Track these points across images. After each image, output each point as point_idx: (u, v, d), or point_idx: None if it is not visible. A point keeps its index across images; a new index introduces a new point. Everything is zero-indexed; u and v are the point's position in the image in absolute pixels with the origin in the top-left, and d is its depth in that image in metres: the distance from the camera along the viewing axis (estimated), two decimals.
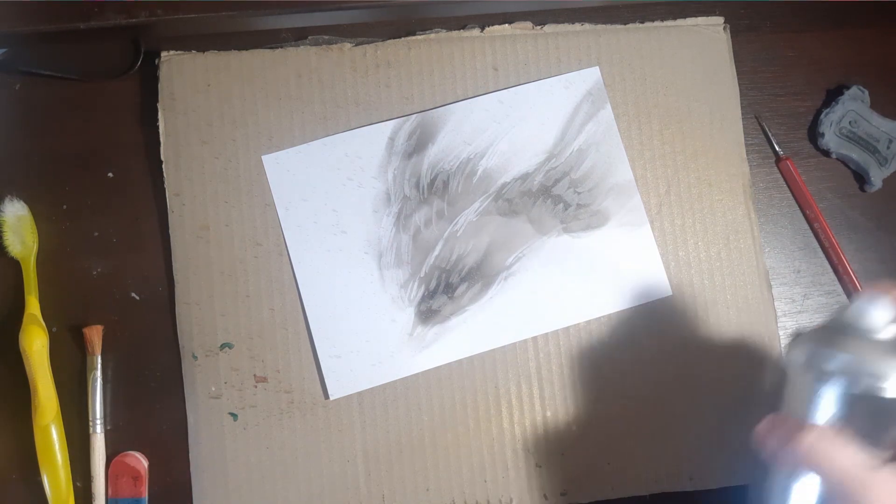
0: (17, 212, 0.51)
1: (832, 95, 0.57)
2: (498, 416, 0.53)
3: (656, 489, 0.53)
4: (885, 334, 0.38)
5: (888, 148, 0.56)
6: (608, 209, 0.55)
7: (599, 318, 0.54)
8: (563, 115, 0.55)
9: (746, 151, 0.56)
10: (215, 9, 0.49)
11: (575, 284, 0.54)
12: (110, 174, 0.54)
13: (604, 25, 0.56)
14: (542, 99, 0.55)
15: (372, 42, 0.54)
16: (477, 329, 0.53)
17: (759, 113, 0.57)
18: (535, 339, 0.53)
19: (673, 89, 0.56)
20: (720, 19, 0.57)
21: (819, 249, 0.57)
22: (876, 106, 0.57)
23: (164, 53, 0.53)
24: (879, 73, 0.58)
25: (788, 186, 0.57)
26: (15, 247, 0.51)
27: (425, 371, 0.53)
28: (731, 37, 0.57)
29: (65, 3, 0.48)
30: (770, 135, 0.57)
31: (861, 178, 0.57)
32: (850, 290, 0.56)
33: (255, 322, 0.52)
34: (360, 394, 0.52)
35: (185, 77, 0.53)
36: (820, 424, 0.38)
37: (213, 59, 0.54)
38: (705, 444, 0.53)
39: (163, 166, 0.53)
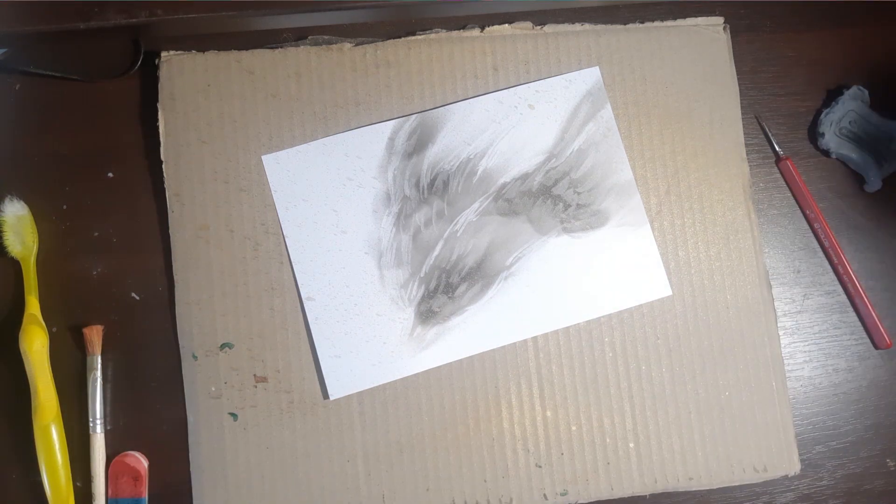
0: (17, 212, 0.51)
1: (832, 95, 0.57)
2: (498, 416, 0.53)
3: (656, 489, 0.53)
4: None
5: (888, 148, 0.56)
6: (608, 209, 0.55)
7: (599, 318, 0.54)
8: (563, 115, 0.55)
9: (746, 151, 0.56)
10: (215, 9, 0.49)
11: (575, 284, 0.54)
12: (110, 174, 0.54)
13: (604, 25, 0.56)
14: (542, 99, 0.55)
15: (372, 42, 0.54)
16: (477, 329, 0.53)
17: (759, 113, 0.57)
18: (535, 339, 0.53)
19: (673, 89, 0.56)
20: (720, 19, 0.57)
21: (819, 249, 0.57)
22: (876, 106, 0.57)
23: (164, 53, 0.53)
24: (879, 73, 0.58)
25: (788, 186, 0.57)
26: (15, 247, 0.51)
27: (425, 371, 0.53)
28: (731, 37, 0.57)
29: (65, 3, 0.48)
30: (770, 135, 0.57)
31: (861, 178, 0.57)
32: (850, 291, 0.56)
33: (255, 322, 0.52)
34: (360, 394, 0.52)
35: (185, 77, 0.53)
36: None
37: (213, 59, 0.54)
38: (706, 444, 0.53)
39: (163, 166, 0.53)
